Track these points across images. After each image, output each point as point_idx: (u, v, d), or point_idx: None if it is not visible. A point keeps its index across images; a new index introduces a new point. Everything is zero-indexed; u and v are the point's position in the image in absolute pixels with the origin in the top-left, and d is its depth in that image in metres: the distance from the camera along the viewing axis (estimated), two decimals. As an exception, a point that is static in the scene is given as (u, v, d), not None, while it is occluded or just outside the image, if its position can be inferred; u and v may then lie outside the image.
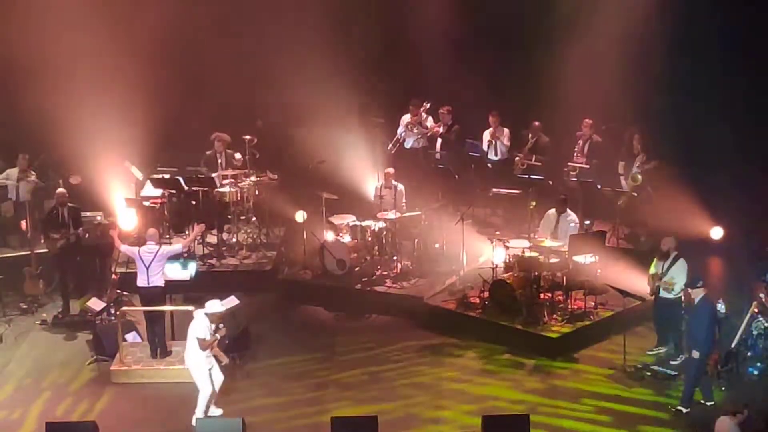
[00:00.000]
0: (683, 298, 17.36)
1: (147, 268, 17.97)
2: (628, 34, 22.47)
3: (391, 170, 21.71)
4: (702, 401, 16.44)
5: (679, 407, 16.32)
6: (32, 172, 22.33)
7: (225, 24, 24.14)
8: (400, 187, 21.43)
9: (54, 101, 22.34)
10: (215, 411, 16.59)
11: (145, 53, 23.26)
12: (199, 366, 16.40)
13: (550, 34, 23.21)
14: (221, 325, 16.59)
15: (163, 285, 18.09)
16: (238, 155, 22.48)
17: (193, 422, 16.13)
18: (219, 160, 22.54)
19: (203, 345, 16.28)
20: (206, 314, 16.38)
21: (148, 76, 23.12)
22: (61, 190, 20.94)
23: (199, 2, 23.97)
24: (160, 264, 18.03)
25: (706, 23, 21.95)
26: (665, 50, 22.30)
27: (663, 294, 17.79)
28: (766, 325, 17.19)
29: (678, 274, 17.60)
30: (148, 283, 18.00)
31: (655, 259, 18.00)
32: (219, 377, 16.59)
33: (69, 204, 20.40)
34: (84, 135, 22.75)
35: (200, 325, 16.37)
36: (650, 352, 18.25)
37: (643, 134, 21.63)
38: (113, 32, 23.00)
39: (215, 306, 16.53)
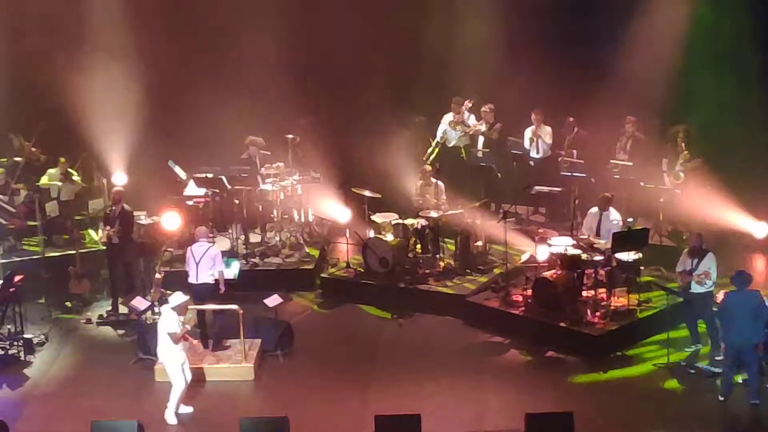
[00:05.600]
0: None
1: (197, 265, 18.10)
2: (674, 32, 22.40)
3: (427, 167, 21.72)
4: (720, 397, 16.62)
5: (754, 401, 16.30)
6: (74, 172, 22.50)
7: (269, 21, 24.21)
8: (440, 184, 21.44)
9: (97, 100, 22.56)
10: (185, 409, 16.72)
11: (190, 51, 23.43)
12: (172, 361, 16.49)
13: (595, 31, 23.15)
14: (190, 316, 16.67)
15: (212, 282, 18.18)
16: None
17: (167, 419, 16.40)
18: (257, 162, 22.57)
19: (175, 338, 16.36)
20: (172, 308, 16.45)
21: (191, 73, 23.27)
22: (117, 188, 21.00)
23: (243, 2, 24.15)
24: (209, 263, 18.15)
25: (754, 19, 21.84)
26: (711, 47, 22.16)
27: (695, 288, 17.72)
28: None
29: (712, 267, 17.62)
30: (197, 280, 18.10)
31: (681, 257, 18.01)
32: (189, 373, 16.72)
33: (124, 205, 20.44)
34: (128, 134, 22.96)
35: (169, 320, 16.42)
36: (688, 349, 18.22)
37: (688, 132, 21.49)
38: (157, 32, 23.19)
39: (179, 298, 16.59)
